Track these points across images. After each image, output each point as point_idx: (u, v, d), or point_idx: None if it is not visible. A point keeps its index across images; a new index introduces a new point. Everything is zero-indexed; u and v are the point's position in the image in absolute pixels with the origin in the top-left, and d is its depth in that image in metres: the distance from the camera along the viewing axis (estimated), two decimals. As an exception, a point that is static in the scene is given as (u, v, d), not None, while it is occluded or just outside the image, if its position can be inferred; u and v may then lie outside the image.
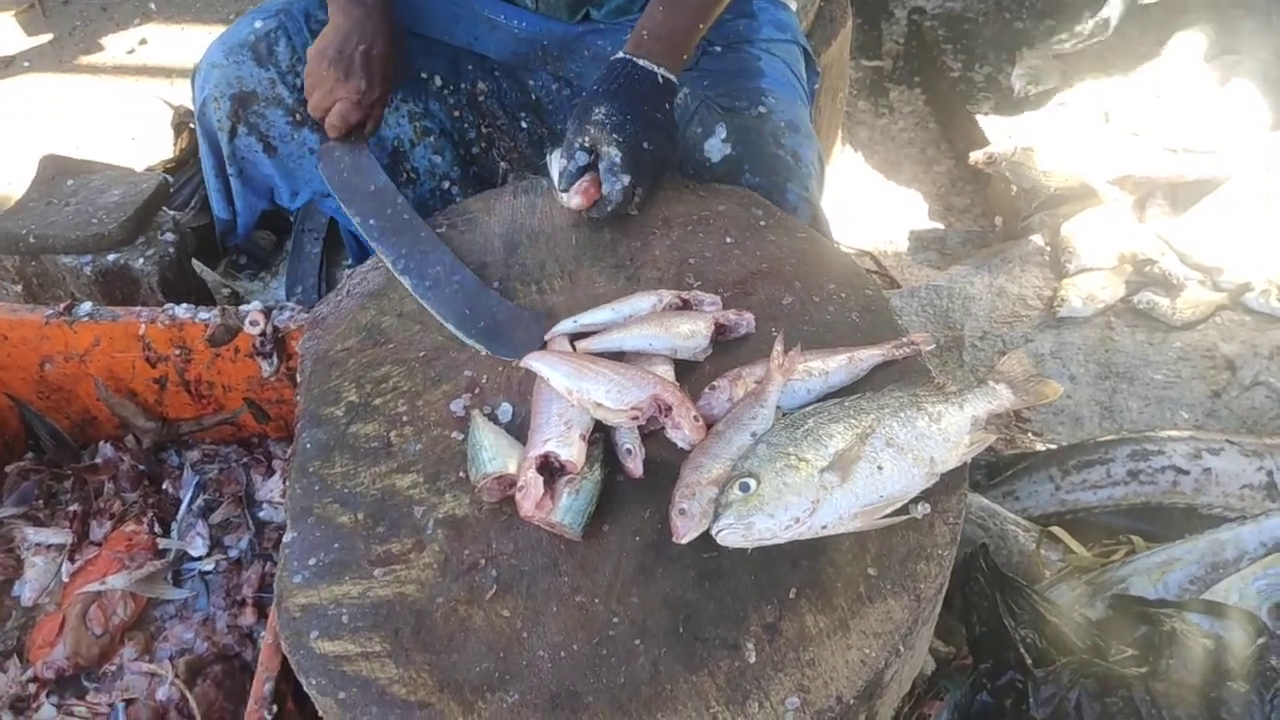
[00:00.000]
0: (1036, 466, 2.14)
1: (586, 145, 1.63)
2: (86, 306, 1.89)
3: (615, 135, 1.61)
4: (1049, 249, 2.85)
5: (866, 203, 3.41)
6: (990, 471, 2.18)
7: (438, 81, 2.13)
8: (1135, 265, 2.71)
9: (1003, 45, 3.62)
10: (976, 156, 3.04)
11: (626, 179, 1.62)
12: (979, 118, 3.31)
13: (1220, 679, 1.52)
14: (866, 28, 4.03)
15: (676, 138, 1.68)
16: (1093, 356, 2.58)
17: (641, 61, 1.67)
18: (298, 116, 2.04)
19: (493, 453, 1.33)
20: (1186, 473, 2.04)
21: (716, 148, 1.89)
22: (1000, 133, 3.16)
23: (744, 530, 1.17)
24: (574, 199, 1.65)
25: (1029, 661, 1.56)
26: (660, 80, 1.68)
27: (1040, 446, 2.34)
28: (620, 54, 1.70)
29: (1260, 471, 2.01)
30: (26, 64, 4.17)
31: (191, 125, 3.02)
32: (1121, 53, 3.42)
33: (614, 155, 1.62)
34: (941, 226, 3.28)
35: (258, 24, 2.01)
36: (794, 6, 2.18)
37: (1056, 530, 1.93)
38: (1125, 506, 2.04)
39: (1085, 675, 1.54)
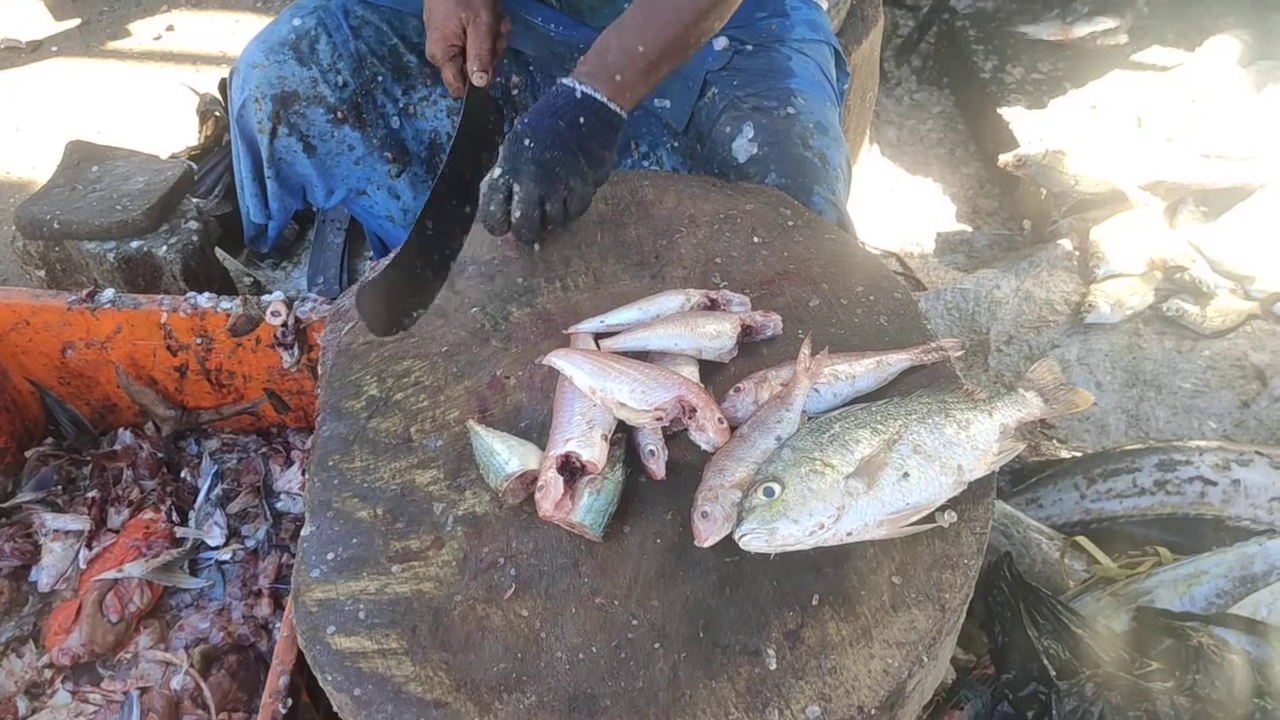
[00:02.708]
0: (1061, 474, 2.11)
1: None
2: (109, 293, 1.89)
3: (508, 138, 1.59)
4: (1077, 254, 2.81)
5: (893, 203, 3.38)
6: (1014, 478, 2.16)
7: None
8: (1165, 272, 2.67)
9: (1035, 47, 3.57)
10: (1006, 159, 3.01)
11: (496, 172, 1.58)
12: (1009, 119, 3.27)
13: (1248, 695, 1.50)
14: (898, 26, 4.00)
15: (579, 148, 1.59)
16: (1120, 364, 2.54)
17: (565, 80, 1.62)
18: (339, 115, 2.03)
19: (507, 455, 1.31)
20: (1214, 484, 2.01)
21: (743, 147, 1.87)
22: (1030, 135, 3.12)
23: (767, 535, 1.16)
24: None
25: (1052, 673, 1.54)
26: (579, 95, 1.60)
27: (1065, 454, 2.31)
28: None
29: (1290, 484, 1.98)
30: (54, 49, 4.18)
31: (216, 113, 3.03)
32: (1156, 55, 3.38)
33: (498, 154, 1.59)
34: (969, 229, 3.24)
35: (296, 21, 1.99)
36: (825, 5, 2.15)
37: (1082, 540, 1.90)
38: (1151, 517, 2.01)
39: (1109, 688, 1.52)
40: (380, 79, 2.06)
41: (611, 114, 1.62)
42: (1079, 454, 2.26)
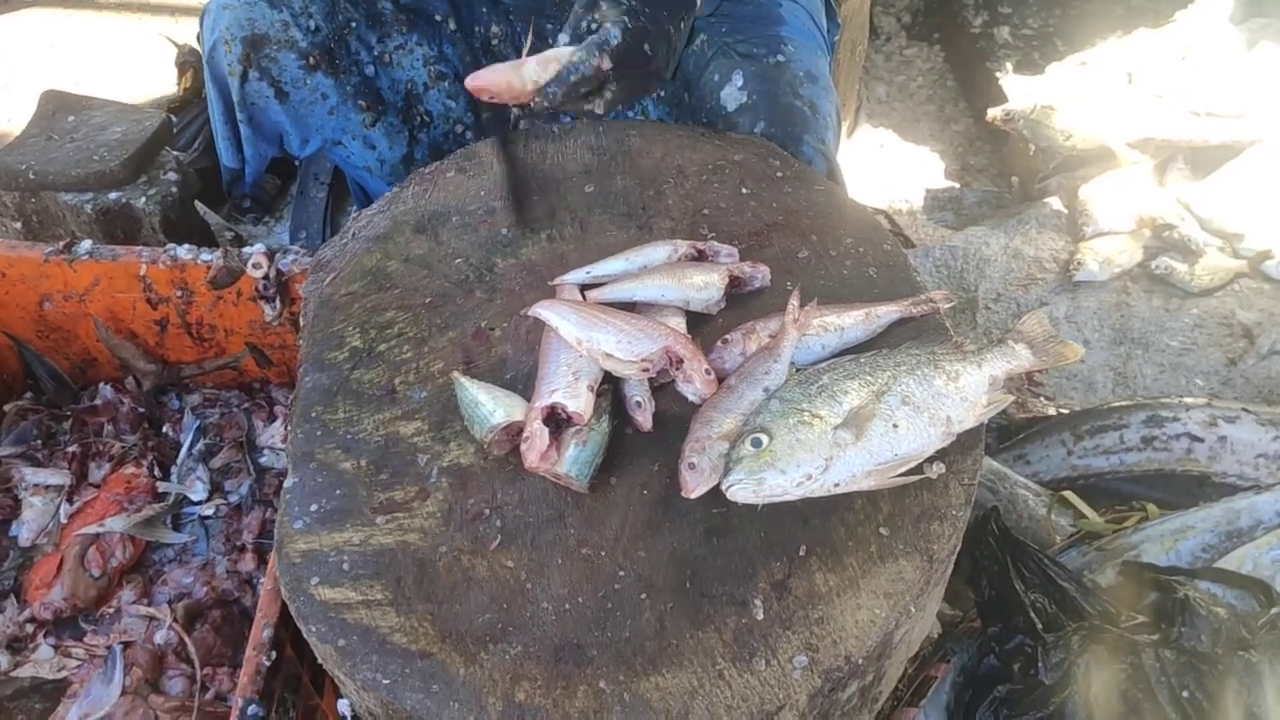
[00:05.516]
0: (1049, 431, 2.11)
1: (594, 24, 1.47)
2: (86, 245, 1.86)
3: (626, 19, 1.45)
4: (1066, 211, 2.80)
5: (882, 160, 3.35)
6: (1001, 435, 2.16)
7: (451, 25, 2.08)
8: (1154, 230, 2.66)
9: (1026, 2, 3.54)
10: (994, 114, 2.98)
11: (606, 63, 1.43)
12: (999, 75, 3.24)
13: (1232, 648, 1.50)
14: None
15: (674, 64, 1.54)
16: (1108, 321, 2.54)
17: None
18: (311, 60, 1.98)
19: (492, 406, 1.29)
20: (1201, 440, 2.01)
21: (733, 96, 1.84)
22: (1020, 91, 3.09)
23: (755, 486, 1.14)
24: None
25: (1039, 626, 1.55)
26: None
27: (1053, 410, 2.30)
28: None
29: (1276, 441, 1.98)
30: (29, -1, 4.09)
31: (195, 64, 2.97)
32: (1147, 12, 3.35)
33: (612, 36, 1.43)
34: (958, 186, 3.22)
35: None
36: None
37: (1069, 495, 1.90)
38: (1138, 473, 2.01)
39: (1095, 641, 1.53)
40: (354, 25, 2.01)
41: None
42: (1066, 411, 2.26)
